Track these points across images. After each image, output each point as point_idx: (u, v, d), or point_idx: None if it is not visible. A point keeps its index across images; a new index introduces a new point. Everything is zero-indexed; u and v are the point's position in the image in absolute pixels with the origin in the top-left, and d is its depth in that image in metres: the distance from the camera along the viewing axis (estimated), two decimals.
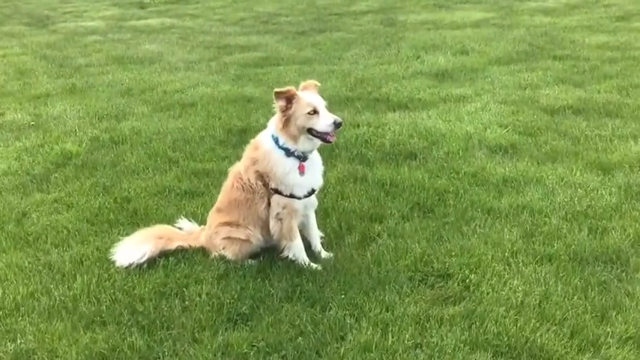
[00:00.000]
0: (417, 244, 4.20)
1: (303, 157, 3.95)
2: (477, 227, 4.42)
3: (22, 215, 4.93)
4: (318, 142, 3.95)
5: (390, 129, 6.43)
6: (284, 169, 3.93)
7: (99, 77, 9.37)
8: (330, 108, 7.44)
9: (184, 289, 3.81)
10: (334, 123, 3.82)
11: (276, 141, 3.93)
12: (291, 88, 3.90)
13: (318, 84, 4.11)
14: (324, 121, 3.82)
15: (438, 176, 5.29)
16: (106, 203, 5.06)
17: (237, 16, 14.64)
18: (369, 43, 10.71)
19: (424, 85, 8.00)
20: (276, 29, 12.67)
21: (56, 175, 5.72)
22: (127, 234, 4.42)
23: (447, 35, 10.88)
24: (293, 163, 3.93)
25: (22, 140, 6.66)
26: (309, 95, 3.93)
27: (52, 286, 3.89)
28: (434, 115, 6.80)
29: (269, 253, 4.18)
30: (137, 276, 3.96)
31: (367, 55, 9.86)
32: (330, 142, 3.93)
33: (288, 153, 3.92)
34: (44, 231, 4.62)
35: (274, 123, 3.96)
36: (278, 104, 3.87)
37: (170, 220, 4.62)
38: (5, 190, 5.43)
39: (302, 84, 4.05)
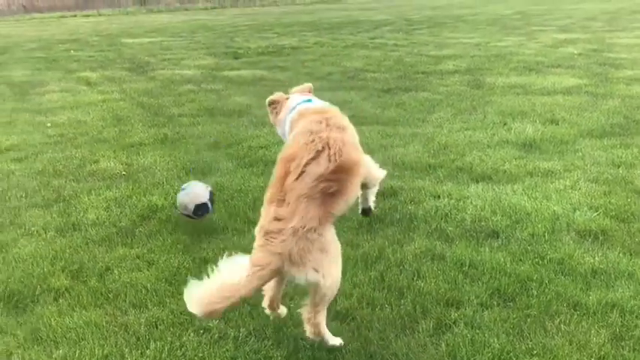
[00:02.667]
0: (495, 338, 4.00)
1: None
2: (562, 324, 4.17)
3: (105, 270, 5.11)
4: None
5: (471, 203, 6.26)
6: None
7: (189, 128, 9.75)
8: (411, 175, 7.30)
9: None
10: None
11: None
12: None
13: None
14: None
15: (521, 260, 5.06)
16: (185, 263, 5.17)
17: (325, 70, 14.94)
18: (455, 106, 10.60)
19: (510, 156, 7.77)
20: (362, 85, 12.81)
21: (141, 228, 5.93)
22: None
23: (537, 101, 10.61)
24: None
25: (113, 190, 6.97)
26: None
27: (126, 350, 3.97)
28: (519, 191, 6.57)
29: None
30: (208, 346, 3.98)
31: (452, 119, 9.75)
32: None
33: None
34: (124, 288, 4.76)
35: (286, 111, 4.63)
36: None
37: None
38: (92, 242, 5.66)
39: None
